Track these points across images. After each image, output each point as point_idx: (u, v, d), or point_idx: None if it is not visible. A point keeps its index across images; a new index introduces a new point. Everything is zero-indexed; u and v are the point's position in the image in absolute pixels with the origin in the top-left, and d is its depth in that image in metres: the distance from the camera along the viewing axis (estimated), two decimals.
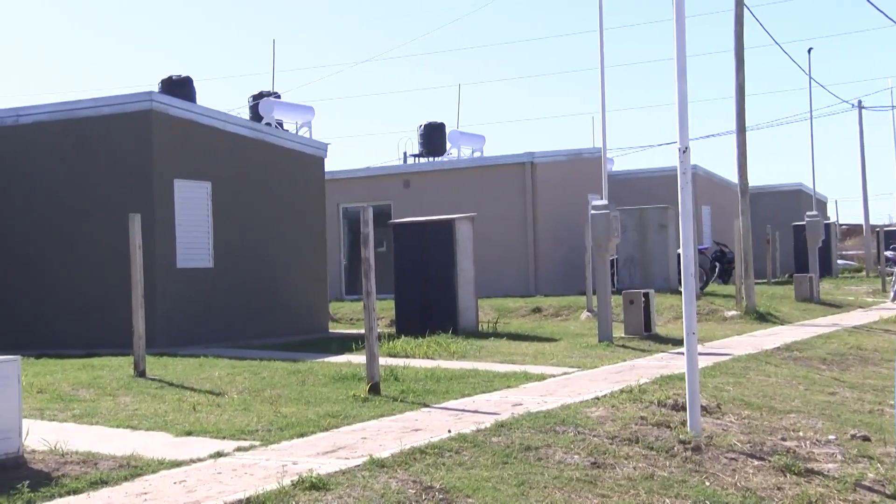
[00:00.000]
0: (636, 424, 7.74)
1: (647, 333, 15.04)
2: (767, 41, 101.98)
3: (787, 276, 30.12)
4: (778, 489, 6.76)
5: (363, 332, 9.83)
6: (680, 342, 11.87)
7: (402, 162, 32.71)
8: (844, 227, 58.66)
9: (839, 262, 36.40)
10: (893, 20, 19.70)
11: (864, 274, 34.75)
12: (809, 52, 32.92)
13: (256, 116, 27.97)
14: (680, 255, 8.21)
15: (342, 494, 5.55)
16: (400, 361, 11.76)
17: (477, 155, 32.70)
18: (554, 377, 10.64)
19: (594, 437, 7.28)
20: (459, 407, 8.56)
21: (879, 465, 7.49)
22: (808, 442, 7.99)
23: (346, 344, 13.78)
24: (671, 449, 7.21)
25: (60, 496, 5.57)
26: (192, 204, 15.61)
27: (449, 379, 10.23)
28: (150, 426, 7.64)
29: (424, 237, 16.49)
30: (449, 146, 33.06)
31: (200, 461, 6.39)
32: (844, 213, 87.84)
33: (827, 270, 29.48)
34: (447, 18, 77.77)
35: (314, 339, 15.98)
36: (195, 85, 24.77)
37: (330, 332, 18.19)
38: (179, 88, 23.33)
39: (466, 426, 7.43)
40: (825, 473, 7.21)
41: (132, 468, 6.15)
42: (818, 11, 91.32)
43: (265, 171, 17.21)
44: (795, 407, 9.35)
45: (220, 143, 16.31)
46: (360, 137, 77.57)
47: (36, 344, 14.42)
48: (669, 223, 22.74)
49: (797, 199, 36.52)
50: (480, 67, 77.42)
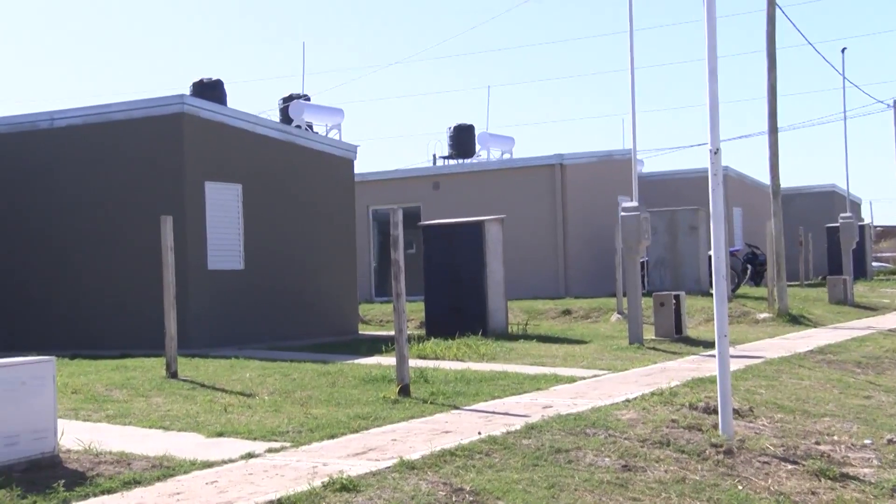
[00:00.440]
0: (667, 427, 7.69)
1: (677, 336, 14.95)
2: (800, 41, 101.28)
3: (820, 278, 29.81)
4: (812, 494, 6.69)
5: (393, 333, 9.84)
6: (711, 345, 11.79)
7: (431, 164, 32.74)
8: (879, 228, 58.01)
9: (874, 264, 35.97)
10: None
11: None
12: (843, 51, 32.55)
13: (286, 119, 28.15)
14: (711, 256, 8.14)
15: (372, 496, 5.56)
16: (430, 363, 11.77)
17: (506, 157, 32.67)
18: (584, 379, 10.59)
19: (625, 439, 7.24)
20: (489, 409, 8.54)
21: None
22: (842, 446, 7.90)
23: (375, 346, 13.80)
24: (703, 452, 7.15)
25: (95, 495, 5.62)
26: (222, 206, 15.71)
27: (479, 381, 10.21)
28: (182, 427, 7.69)
29: (454, 239, 16.49)
30: (478, 148, 33.07)
31: (232, 462, 6.42)
32: (879, 214, 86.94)
33: (861, 273, 29.15)
34: (477, 20, 77.88)
35: (344, 340, 16.02)
36: (226, 88, 24.98)
37: (360, 333, 18.23)
38: (210, 91, 23.54)
39: (496, 428, 7.42)
40: (861, 478, 7.12)
41: (165, 468, 6.19)
42: (852, 11, 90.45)
43: (295, 173, 17.29)
44: (830, 411, 9.25)
45: (250, 145, 16.40)
46: (389, 139, 77.78)
47: (70, 345, 14.57)
48: (700, 225, 22.58)
49: (831, 200, 36.15)
50: (510, 69, 77.41)
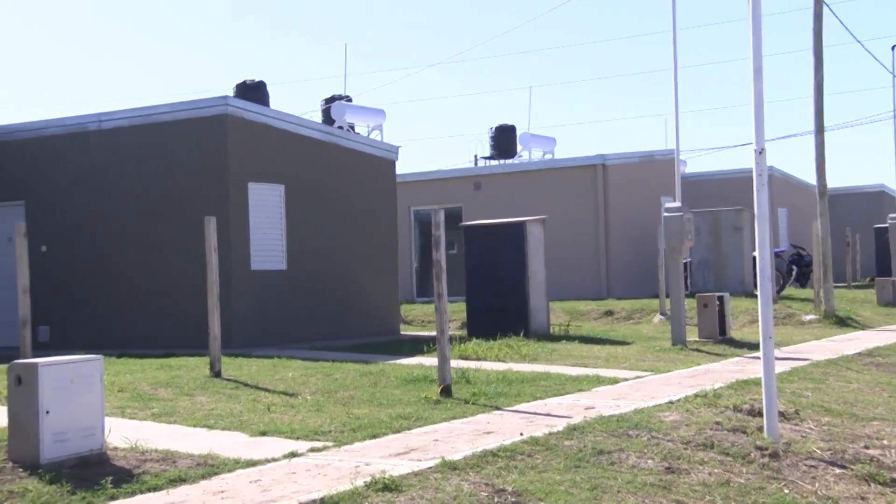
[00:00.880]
0: (711, 429, 7.61)
1: (721, 337, 14.80)
2: (848, 39, 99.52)
3: (868, 279, 29.33)
4: (861, 499, 6.58)
5: (434, 334, 9.85)
6: (756, 346, 11.66)
7: (472, 164, 32.73)
8: None
9: None
10: None
11: None
12: (893, 49, 31.96)
13: (328, 119, 28.29)
14: (755, 257, 8.04)
15: (414, 496, 5.57)
16: (471, 364, 11.76)
17: (548, 157, 32.56)
18: (626, 381, 10.53)
19: (668, 441, 7.18)
20: (531, 410, 8.52)
21: None
22: (893, 451, 7.75)
23: (417, 346, 13.82)
24: (748, 455, 7.07)
25: (141, 492, 5.69)
26: (265, 206, 15.83)
27: (520, 382, 10.19)
28: (225, 426, 7.75)
29: (495, 239, 16.47)
30: (520, 148, 33.00)
31: (275, 461, 6.46)
32: None
33: None
34: (519, 20, 77.61)
35: (386, 340, 16.07)
36: (268, 89, 25.19)
37: (401, 334, 18.28)
38: (253, 92, 23.73)
39: (538, 429, 7.39)
40: None
41: (209, 467, 6.25)
42: None
43: (337, 173, 17.37)
44: (879, 414, 9.09)
45: (293, 146, 16.52)
46: (430, 140, 77.81)
47: (117, 343, 14.77)
48: (744, 225, 22.34)
49: (879, 200, 35.56)
50: (552, 69, 77.00)
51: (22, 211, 16.53)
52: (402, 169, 21.47)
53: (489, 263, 16.29)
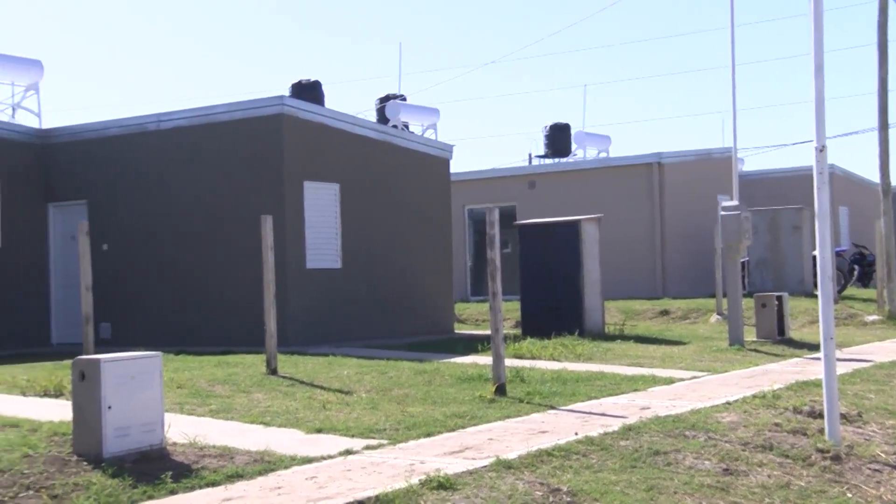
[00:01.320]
0: (770, 431, 7.50)
1: (780, 338, 14.57)
2: None
3: None
4: None
5: (488, 333, 9.84)
6: (816, 347, 11.46)
7: (527, 163, 32.65)
8: None
9: None
10: None
11: None
12: None
13: (383, 119, 28.45)
14: (815, 257, 7.90)
15: (469, 494, 5.57)
16: (526, 363, 11.73)
17: (603, 155, 32.38)
18: (683, 381, 10.42)
19: (726, 442, 7.09)
20: (586, 409, 8.47)
21: None
22: None
23: (471, 345, 13.83)
24: (808, 457, 6.95)
25: (200, 487, 5.77)
26: (321, 205, 15.95)
27: (575, 381, 10.14)
28: (282, 423, 7.82)
29: (550, 238, 16.41)
30: (574, 147, 32.87)
31: (331, 458, 6.51)
32: None
33: None
34: (573, 18, 77.15)
35: (440, 339, 16.09)
36: (324, 88, 25.38)
37: (455, 332, 18.29)
38: (309, 92, 23.94)
39: (593, 429, 7.34)
40: None
41: (266, 463, 6.31)
42: None
43: (392, 172, 17.45)
44: None
45: (347, 145, 16.62)
46: (485, 139, 77.70)
47: (175, 341, 14.99)
48: (804, 224, 21.98)
49: None
50: (607, 67, 76.42)
51: (84, 210, 16.87)
52: (456, 168, 21.50)
53: (544, 262, 16.24)
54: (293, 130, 15.68)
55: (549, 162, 31.69)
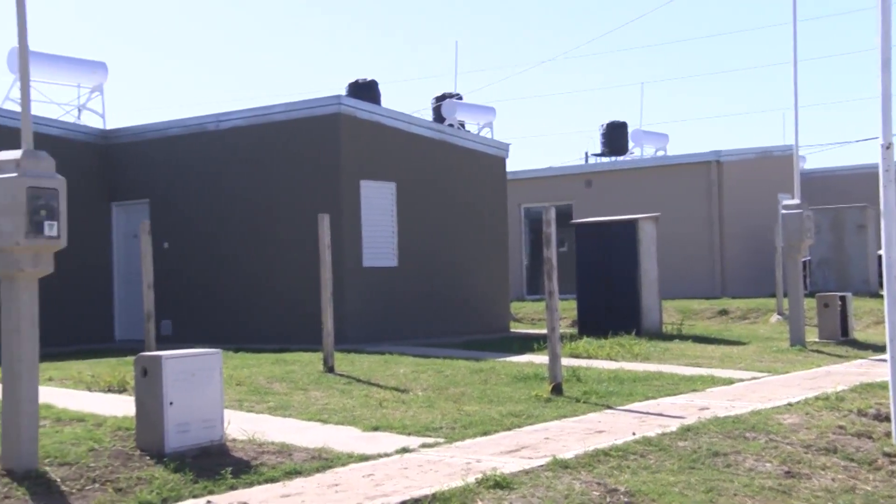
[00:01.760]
0: (833, 433, 7.36)
1: (843, 339, 14.31)
2: None
3: None
4: None
5: (544, 332, 9.80)
6: (881, 348, 11.22)
7: (583, 161, 32.47)
8: None
9: None
10: None
11: None
12: None
13: (439, 118, 28.51)
14: (881, 256, 7.75)
15: (526, 494, 5.55)
16: (582, 362, 11.67)
17: (660, 154, 32.08)
18: (742, 381, 10.28)
19: (787, 444, 6.98)
20: (643, 409, 8.40)
21: None
22: None
23: (527, 344, 13.79)
24: (874, 461, 6.81)
25: (259, 483, 5.84)
26: (377, 204, 16.03)
27: (632, 381, 10.06)
28: (339, 420, 7.88)
29: (607, 237, 16.31)
30: (631, 145, 32.63)
31: (387, 456, 6.54)
32: None
33: None
34: (631, 15, 76.49)
35: (496, 338, 16.08)
36: (380, 88, 25.51)
37: (511, 331, 18.26)
38: (365, 91, 24.10)
39: (651, 429, 7.28)
40: None
41: (323, 460, 6.36)
42: None
43: (448, 171, 17.47)
44: None
45: (404, 144, 16.68)
46: (541, 137, 77.42)
47: (234, 338, 15.19)
48: (869, 223, 21.55)
49: None
50: (664, 64, 75.64)
51: (146, 209, 17.17)
52: (512, 166, 21.45)
53: (600, 261, 16.15)
54: (350, 130, 15.78)
55: (605, 160, 31.48)
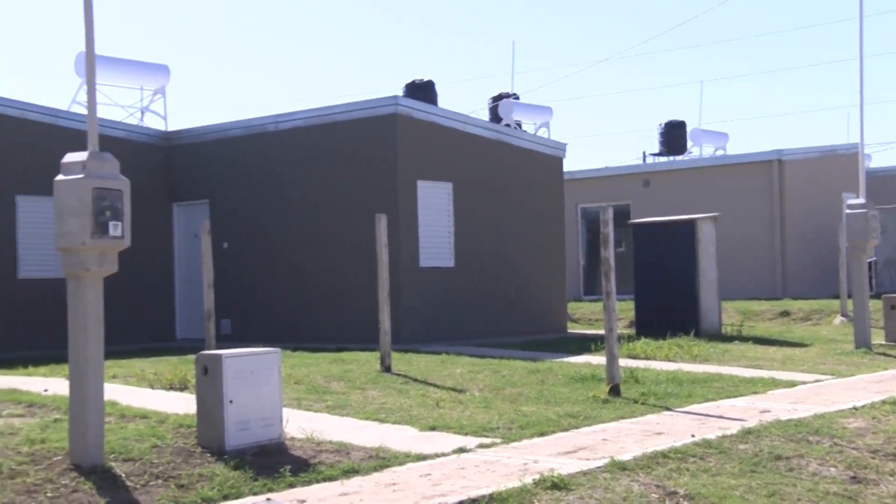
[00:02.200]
0: None
1: None
2: None
3: None
4: None
5: (601, 332, 9.73)
6: None
7: (641, 161, 32.18)
8: None
9: None
10: None
11: None
12: None
13: (496, 118, 28.48)
14: None
15: (583, 495, 5.52)
16: (640, 363, 11.57)
17: (720, 153, 31.66)
18: (805, 384, 10.10)
19: (853, 449, 6.83)
20: (703, 411, 8.30)
21: None
22: None
23: (584, 344, 13.71)
24: None
25: (317, 482, 5.88)
26: (434, 204, 16.06)
27: (691, 382, 9.95)
28: (396, 420, 7.91)
29: (665, 237, 16.16)
30: (690, 144, 32.26)
31: (444, 456, 6.55)
32: None
33: None
34: (689, 14, 75.64)
35: (552, 338, 16.00)
36: (437, 88, 25.57)
37: (568, 332, 18.17)
38: (422, 92, 24.18)
39: (711, 431, 7.19)
40: None
41: (381, 459, 6.39)
42: None
43: (504, 171, 17.43)
44: None
45: (460, 144, 16.69)
46: (598, 137, 76.92)
47: (292, 337, 15.33)
48: None
49: None
50: (724, 63, 74.61)
51: (206, 209, 17.41)
52: (569, 166, 21.34)
53: (658, 261, 16.00)
54: (407, 130, 15.83)
55: (663, 160, 31.17)
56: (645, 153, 33.17)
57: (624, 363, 10.56)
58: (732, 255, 21.85)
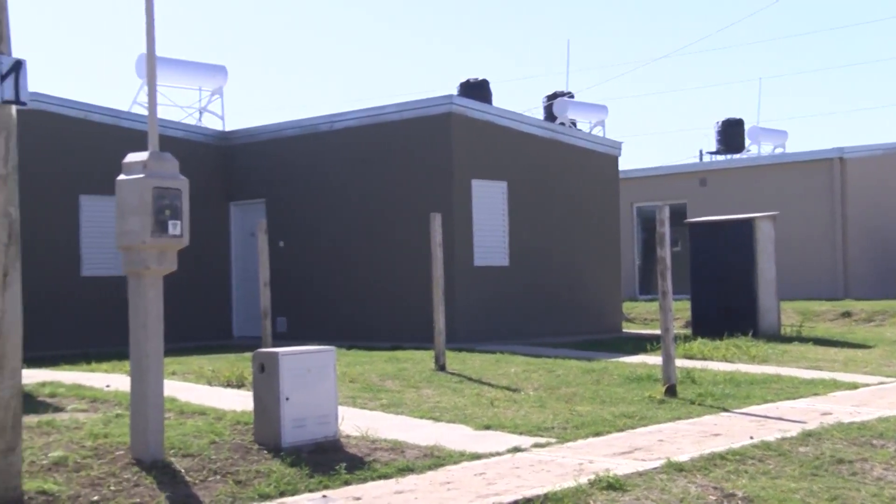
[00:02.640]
0: None
1: None
2: None
3: None
4: None
5: (657, 332, 9.65)
6: None
7: (697, 160, 31.82)
8: None
9: None
10: None
11: None
12: None
13: (550, 116, 28.39)
14: None
15: (639, 496, 5.47)
16: (696, 363, 11.44)
17: (778, 151, 31.20)
18: (868, 386, 9.90)
19: None
20: (761, 413, 8.18)
21: None
22: None
23: (640, 344, 13.60)
24: None
25: (372, 479, 5.91)
26: (488, 203, 16.05)
27: (749, 383, 9.81)
28: (450, 419, 7.91)
29: (722, 237, 15.96)
30: (748, 142, 31.85)
31: (499, 455, 6.54)
32: None
33: None
34: (748, 10, 74.55)
35: (607, 338, 15.90)
36: (491, 87, 25.54)
37: (623, 331, 18.03)
38: (476, 91, 24.17)
39: (770, 433, 7.08)
40: None
41: (435, 458, 6.40)
42: None
43: (559, 170, 17.36)
44: None
45: (515, 143, 16.65)
46: (654, 135, 76.23)
47: (347, 335, 15.43)
48: None
49: None
50: (783, 59, 73.42)
51: (262, 209, 17.60)
52: (624, 165, 21.17)
53: (715, 261, 15.80)
54: (461, 129, 15.84)
55: (721, 158, 30.78)
56: (702, 151, 32.83)
57: (680, 363, 10.45)
58: (792, 254, 21.49)
